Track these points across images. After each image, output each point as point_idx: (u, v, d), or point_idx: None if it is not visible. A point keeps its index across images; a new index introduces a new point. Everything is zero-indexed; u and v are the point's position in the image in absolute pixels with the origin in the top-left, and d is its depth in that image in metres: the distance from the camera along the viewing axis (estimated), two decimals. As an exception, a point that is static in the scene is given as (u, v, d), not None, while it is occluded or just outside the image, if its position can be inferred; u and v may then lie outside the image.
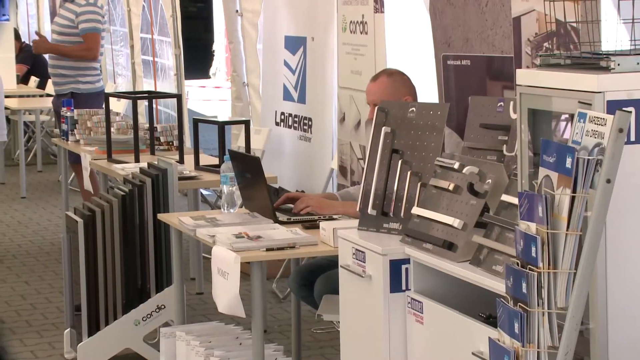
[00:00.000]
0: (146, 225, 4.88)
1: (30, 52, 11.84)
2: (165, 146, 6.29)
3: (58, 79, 7.35)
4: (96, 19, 7.29)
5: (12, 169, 9.90)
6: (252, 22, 7.46)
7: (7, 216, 8.32)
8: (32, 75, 11.29)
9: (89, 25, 7.22)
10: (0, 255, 7.03)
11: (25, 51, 11.60)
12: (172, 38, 9.27)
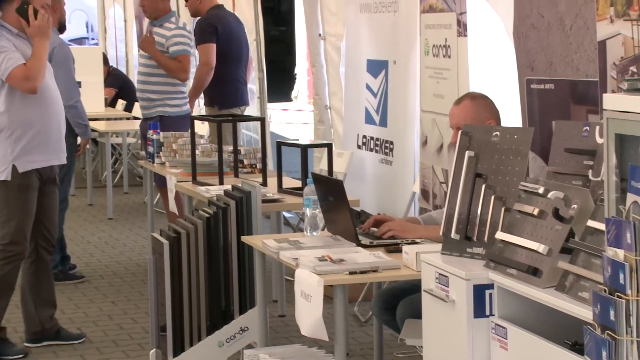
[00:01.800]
0: (230, 247, 4.93)
1: (118, 76, 12.09)
2: (248, 169, 6.35)
3: (146, 103, 7.46)
4: (186, 42, 7.35)
5: (99, 190, 10.09)
6: (334, 45, 7.52)
7: (94, 237, 8.47)
8: (119, 99, 11.51)
9: (180, 47, 7.29)
10: (88, 275, 7.17)
11: (113, 75, 11.84)
12: (256, 61, 9.37)
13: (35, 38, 5.31)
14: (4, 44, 5.25)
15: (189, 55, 7.38)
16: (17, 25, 5.34)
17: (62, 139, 5.52)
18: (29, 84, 5.25)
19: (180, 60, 7.27)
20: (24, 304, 5.60)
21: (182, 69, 7.28)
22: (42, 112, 5.37)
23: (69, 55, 6.91)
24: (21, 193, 5.34)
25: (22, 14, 5.30)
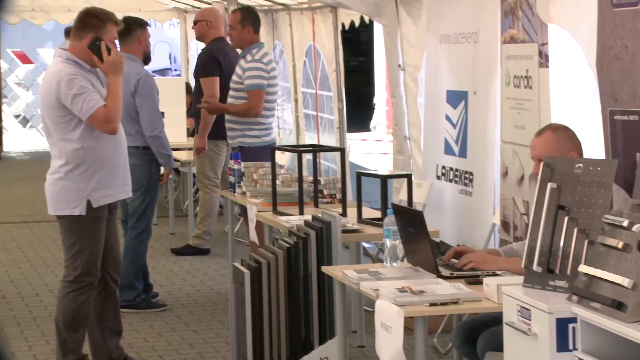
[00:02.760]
0: (310, 277, 4.97)
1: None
2: (328, 199, 6.39)
3: (230, 133, 7.56)
4: (260, 75, 7.38)
5: (181, 219, 10.20)
6: (413, 76, 7.54)
7: (176, 266, 8.57)
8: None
9: (253, 82, 7.35)
10: (170, 304, 7.24)
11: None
12: (335, 92, 9.43)
13: (109, 74, 5.39)
14: (83, 84, 5.31)
15: (261, 90, 7.37)
16: (89, 60, 5.42)
17: (128, 173, 5.63)
18: (109, 125, 5.34)
19: (250, 95, 7.34)
20: (91, 334, 5.63)
21: (251, 107, 7.36)
22: (113, 148, 5.47)
23: (154, 86, 7.03)
24: (93, 226, 5.43)
25: (94, 50, 5.36)
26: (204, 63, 8.20)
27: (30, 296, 7.49)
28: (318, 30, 9.85)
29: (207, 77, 8.09)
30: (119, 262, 5.74)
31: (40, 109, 5.53)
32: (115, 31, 5.49)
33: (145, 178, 7.03)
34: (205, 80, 8.06)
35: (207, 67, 8.13)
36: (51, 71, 5.48)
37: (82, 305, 5.46)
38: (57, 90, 5.33)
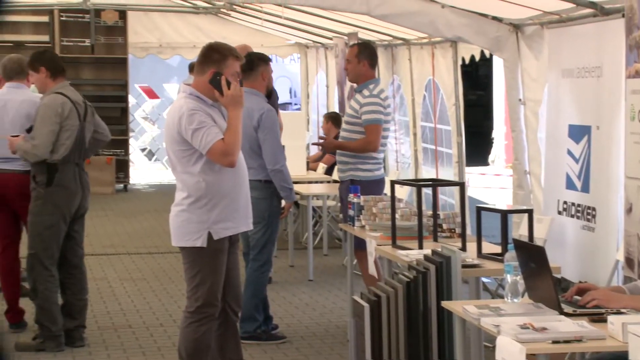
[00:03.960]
0: (430, 311, 4.96)
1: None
2: (447, 233, 6.37)
3: (341, 166, 7.62)
4: (377, 110, 7.38)
5: (300, 252, 10.30)
6: (533, 110, 7.49)
7: (295, 298, 8.65)
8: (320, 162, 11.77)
9: (370, 117, 7.35)
10: (290, 336, 7.31)
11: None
12: (454, 126, 9.43)
13: (230, 108, 5.49)
14: (203, 118, 5.42)
15: (378, 125, 7.36)
16: (210, 95, 5.55)
17: (249, 206, 5.70)
18: (227, 159, 5.43)
19: (368, 130, 7.37)
20: None
21: (370, 142, 7.36)
22: (234, 181, 5.55)
23: (276, 120, 7.15)
24: (214, 258, 5.52)
25: (215, 84, 5.47)
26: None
27: (154, 326, 7.66)
28: (438, 64, 9.88)
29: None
30: (240, 294, 5.83)
31: (165, 143, 5.68)
32: (237, 65, 5.59)
33: (266, 211, 7.14)
34: None
35: None
36: (174, 106, 5.62)
37: (204, 336, 5.55)
38: (179, 124, 5.46)
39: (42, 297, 6.86)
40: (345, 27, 11.70)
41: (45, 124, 6.76)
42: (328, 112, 12.53)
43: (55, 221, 6.84)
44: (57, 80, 6.91)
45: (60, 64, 7.01)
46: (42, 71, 6.89)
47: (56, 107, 6.77)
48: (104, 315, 7.95)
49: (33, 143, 6.75)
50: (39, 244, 6.84)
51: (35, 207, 6.83)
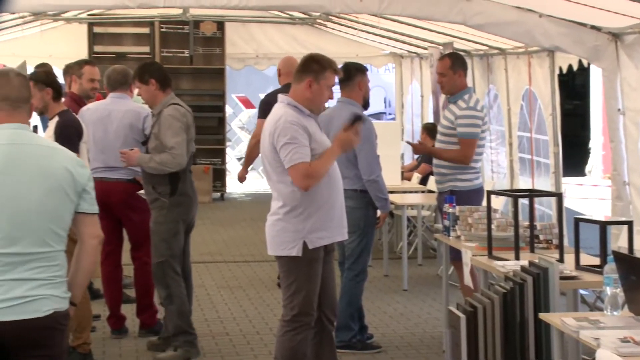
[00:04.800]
0: (527, 323, 4.93)
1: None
2: (544, 244, 6.31)
3: (439, 177, 7.59)
4: (474, 124, 7.33)
5: (394, 262, 10.30)
6: (633, 120, 7.38)
7: (390, 307, 8.66)
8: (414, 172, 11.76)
9: (466, 130, 7.30)
10: (385, 345, 7.33)
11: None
12: (551, 136, 9.33)
13: (336, 144, 5.57)
14: (297, 135, 5.46)
15: (473, 139, 7.32)
16: (308, 105, 5.60)
17: (344, 216, 5.72)
18: (305, 182, 5.47)
19: (462, 144, 7.33)
20: None
21: (464, 155, 7.31)
22: (329, 191, 5.59)
23: (372, 131, 7.18)
24: (309, 267, 5.56)
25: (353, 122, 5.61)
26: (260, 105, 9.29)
27: (251, 334, 7.75)
28: (534, 74, 9.79)
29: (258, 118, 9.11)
30: (335, 303, 5.86)
31: (261, 152, 5.74)
32: (334, 79, 5.66)
33: (362, 220, 7.17)
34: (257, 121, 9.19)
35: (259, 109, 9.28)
36: (272, 115, 5.67)
37: (300, 344, 5.59)
38: (273, 135, 5.53)
39: (179, 301, 6.88)
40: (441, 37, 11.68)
41: (178, 134, 6.76)
42: (425, 123, 12.53)
43: (179, 229, 6.91)
44: (167, 91, 6.91)
45: (168, 75, 7.04)
46: (152, 83, 6.88)
47: (181, 117, 6.82)
48: (202, 323, 8.07)
49: (173, 153, 6.73)
50: (167, 250, 6.87)
51: (160, 216, 6.86)
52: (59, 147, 4.16)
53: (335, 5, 8.25)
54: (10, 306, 3.90)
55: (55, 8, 11.31)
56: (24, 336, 3.92)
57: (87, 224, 4.10)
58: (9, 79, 4.11)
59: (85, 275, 4.15)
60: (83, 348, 6.79)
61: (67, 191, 4.01)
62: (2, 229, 3.93)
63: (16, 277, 3.92)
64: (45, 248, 3.97)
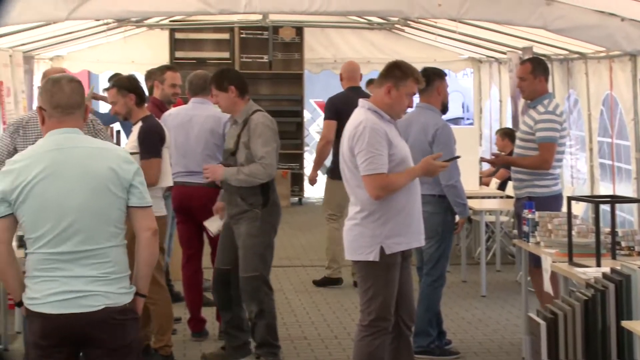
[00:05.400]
0: (609, 331, 4.87)
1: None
2: (626, 251, 6.23)
3: (517, 183, 7.54)
4: (553, 128, 7.26)
5: (472, 267, 10.25)
6: None
7: (468, 313, 8.62)
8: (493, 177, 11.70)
9: (545, 134, 7.23)
10: (463, 351, 7.29)
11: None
12: (633, 141, 9.20)
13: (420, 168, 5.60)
14: (376, 143, 5.46)
15: (552, 144, 7.24)
16: (388, 110, 5.60)
17: (422, 222, 5.71)
18: (378, 192, 5.47)
19: (542, 148, 7.26)
20: None
21: (544, 160, 7.23)
22: (407, 197, 5.59)
23: (451, 136, 7.16)
24: (387, 272, 5.56)
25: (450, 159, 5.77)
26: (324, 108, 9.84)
27: (329, 338, 7.79)
28: (616, 78, 9.67)
29: (325, 120, 9.69)
30: (413, 309, 5.86)
31: (340, 156, 5.76)
32: (415, 88, 5.65)
33: (440, 226, 7.15)
34: (324, 123, 9.70)
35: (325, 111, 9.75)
36: (353, 120, 5.68)
37: (377, 349, 5.60)
38: (353, 139, 5.55)
39: (270, 316, 6.84)
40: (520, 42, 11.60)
41: (269, 143, 6.63)
42: (502, 128, 12.43)
43: (272, 240, 6.84)
44: (245, 98, 6.81)
45: (246, 81, 6.94)
46: (231, 90, 6.75)
47: (271, 124, 6.70)
48: (281, 327, 8.09)
49: (263, 163, 6.60)
50: (262, 264, 6.76)
51: (254, 229, 6.72)
52: (107, 147, 4.30)
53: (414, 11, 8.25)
54: (63, 300, 4.10)
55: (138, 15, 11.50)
56: (81, 329, 4.10)
57: (139, 217, 4.24)
58: (61, 86, 4.25)
59: (145, 267, 4.29)
60: (165, 350, 6.89)
61: (111, 189, 4.16)
62: (51, 229, 4.11)
63: (68, 274, 4.11)
64: (95, 245, 4.13)
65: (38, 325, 4.13)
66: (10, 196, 4.11)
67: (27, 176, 4.11)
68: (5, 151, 6.43)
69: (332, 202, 9.78)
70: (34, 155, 4.18)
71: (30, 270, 4.16)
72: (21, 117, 6.63)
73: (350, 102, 9.67)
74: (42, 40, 13.24)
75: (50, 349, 4.12)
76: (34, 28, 11.29)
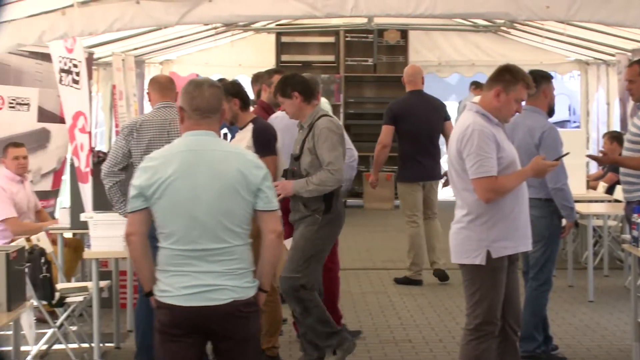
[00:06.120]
0: None
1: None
2: None
3: (627, 187, 7.42)
4: None
5: (579, 272, 10.11)
6: None
7: (575, 319, 8.51)
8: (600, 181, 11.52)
9: None
10: (570, 357, 7.19)
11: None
12: None
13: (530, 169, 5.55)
14: (485, 146, 5.41)
15: None
16: (496, 114, 5.55)
17: (529, 226, 5.63)
18: (487, 195, 5.41)
19: None
20: None
21: None
22: (515, 201, 5.52)
23: (558, 139, 7.08)
24: (493, 275, 5.51)
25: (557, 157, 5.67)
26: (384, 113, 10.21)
27: (434, 341, 7.77)
28: None
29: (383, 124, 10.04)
30: (519, 313, 5.80)
31: (447, 159, 5.73)
32: (524, 93, 5.58)
33: (547, 230, 7.08)
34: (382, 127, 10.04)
35: (384, 116, 10.13)
36: (461, 122, 5.63)
37: (483, 353, 5.56)
38: (461, 142, 5.51)
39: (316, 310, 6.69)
40: (629, 43, 11.41)
41: (335, 148, 6.59)
42: (610, 131, 12.23)
43: (325, 248, 6.74)
44: (312, 103, 6.73)
45: (312, 86, 6.80)
46: (295, 96, 6.68)
47: (337, 129, 6.64)
48: (385, 329, 8.16)
49: (331, 169, 6.54)
50: (305, 269, 6.64)
51: (309, 232, 6.66)
52: (238, 152, 4.48)
53: (521, 13, 8.16)
54: (193, 293, 4.30)
55: (246, 19, 11.66)
56: (208, 321, 4.30)
57: (264, 220, 4.41)
58: (202, 90, 4.46)
59: (268, 266, 4.46)
60: (271, 351, 6.98)
61: (239, 192, 4.33)
62: (182, 228, 4.31)
63: (198, 269, 4.31)
64: (222, 244, 4.32)
65: (168, 316, 4.33)
66: (147, 191, 4.32)
67: (164, 174, 4.32)
68: (120, 153, 6.62)
69: (407, 204, 10.15)
70: (169, 155, 4.38)
71: (161, 264, 4.37)
72: (135, 120, 6.80)
73: (411, 106, 10.08)
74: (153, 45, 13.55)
75: (178, 337, 4.33)
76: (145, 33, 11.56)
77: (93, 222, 7.11)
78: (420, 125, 9.95)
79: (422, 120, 9.96)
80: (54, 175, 10.91)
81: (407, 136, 9.96)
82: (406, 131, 9.95)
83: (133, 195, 4.37)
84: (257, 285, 4.42)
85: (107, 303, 8.00)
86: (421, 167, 10.02)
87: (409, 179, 10.08)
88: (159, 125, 6.66)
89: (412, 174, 10.03)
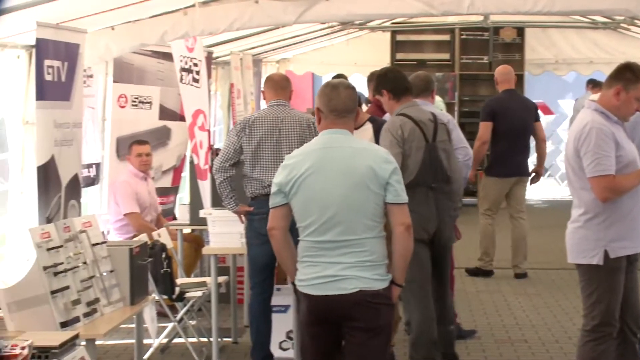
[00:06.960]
0: None
1: None
2: None
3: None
4: None
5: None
6: None
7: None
8: None
9: None
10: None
11: None
12: None
13: None
14: (603, 144, 5.32)
15: None
16: (615, 112, 5.43)
17: None
18: (605, 194, 5.32)
19: None
20: None
21: None
22: (634, 201, 5.42)
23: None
24: (611, 276, 5.43)
25: None
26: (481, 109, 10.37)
27: (550, 342, 7.70)
28: None
29: (481, 121, 10.11)
30: (639, 314, 5.71)
31: (565, 157, 5.63)
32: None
33: (667, 230, 6.93)
34: (480, 124, 10.12)
35: (482, 113, 10.23)
36: (579, 120, 5.55)
37: (601, 355, 5.48)
38: (578, 140, 5.44)
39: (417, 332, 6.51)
40: None
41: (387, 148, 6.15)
42: None
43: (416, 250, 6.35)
44: (402, 100, 6.59)
45: (404, 83, 6.67)
46: (384, 94, 6.62)
47: (395, 130, 6.44)
48: (500, 329, 8.11)
49: None
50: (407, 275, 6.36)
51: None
52: (369, 147, 4.74)
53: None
54: (322, 282, 4.57)
55: (362, 17, 11.74)
56: (337, 309, 4.54)
57: (393, 213, 4.62)
58: (338, 92, 4.73)
59: (399, 259, 4.65)
60: (387, 349, 6.99)
61: (369, 186, 4.56)
62: (316, 220, 4.58)
63: (328, 260, 4.56)
64: (353, 236, 4.56)
65: (305, 304, 4.65)
66: (285, 187, 4.62)
67: (299, 171, 4.60)
68: (231, 149, 6.72)
69: (488, 198, 10.35)
70: (306, 152, 4.68)
71: (300, 255, 4.66)
72: (248, 117, 6.90)
73: (505, 104, 10.18)
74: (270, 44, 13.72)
75: (315, 325, 4.64)
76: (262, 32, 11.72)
77: (212, 218, 7.25)
78: (516, 123, 10.06)
79: (517, 119, 10.09)
80: (174, 172, 11.16)
81: (503, 133, 10.04)
82: (502, 128, 10.03)
83: (274, 191, 4.66)
84: (389, 279, 4.60)
85: (225, 298, 8.16)
86: (513, 164, 10.19)
87: (499, 174, 10.23)
88: (271, 122, 6.74)
89: (503, 169, 10.18)
